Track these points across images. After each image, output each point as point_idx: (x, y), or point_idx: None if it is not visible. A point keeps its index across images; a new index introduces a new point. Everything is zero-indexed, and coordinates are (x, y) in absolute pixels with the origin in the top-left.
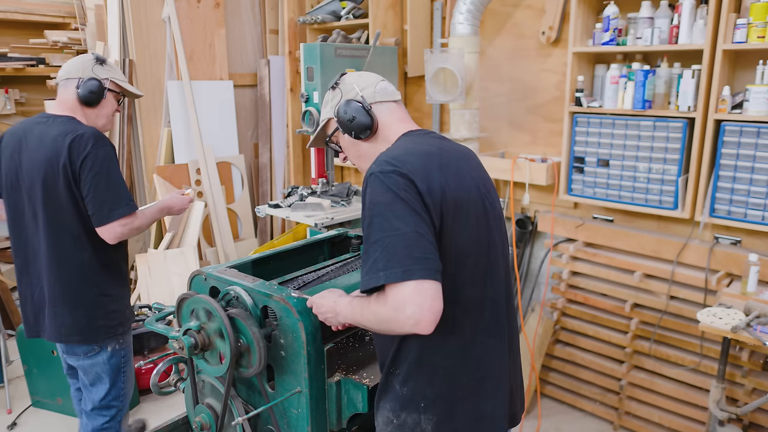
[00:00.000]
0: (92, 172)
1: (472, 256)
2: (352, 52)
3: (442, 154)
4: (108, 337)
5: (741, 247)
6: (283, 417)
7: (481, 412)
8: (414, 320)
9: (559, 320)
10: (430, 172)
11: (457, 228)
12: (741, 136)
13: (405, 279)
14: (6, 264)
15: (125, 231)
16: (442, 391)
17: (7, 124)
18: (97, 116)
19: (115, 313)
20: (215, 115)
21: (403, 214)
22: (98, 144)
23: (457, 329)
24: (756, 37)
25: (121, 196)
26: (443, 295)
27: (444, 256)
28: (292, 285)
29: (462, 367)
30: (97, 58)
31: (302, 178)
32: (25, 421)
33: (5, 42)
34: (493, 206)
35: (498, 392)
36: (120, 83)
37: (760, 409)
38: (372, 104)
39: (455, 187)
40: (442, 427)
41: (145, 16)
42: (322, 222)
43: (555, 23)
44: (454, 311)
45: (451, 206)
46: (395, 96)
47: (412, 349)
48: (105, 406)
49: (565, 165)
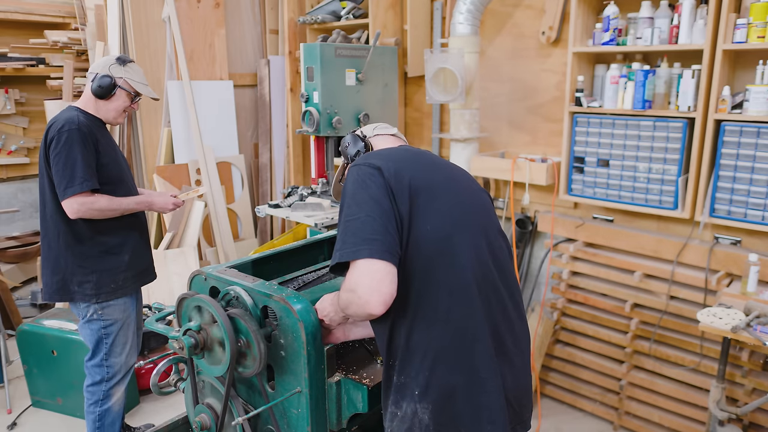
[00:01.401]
0: (54, 152)
1: (449, 238)
2: (352, 52)
3: (417, 154)
4: (83, 302)
5: (741, 247)
6: (283, 417)
7: (478, 402)
8: (364, 300)
9: (559, 320)
10: (399, 162)
11: (429, 210)
12: (741, 136)
13: (354, 257)
14: (6, 264)
15: (83, 209)
16: (434, 379)
17: (7, 124)
18: (107, 109)
19: (88, 284)
20: (215, 115)
21: (362, 201)
22: (65, 127)
23: (440, 313)
24: (756, 37)
25: (75, 176)
26: (418, 275)
27: (416, 237)
28: (292, 285)
29: (451, 352)
30: (119, 58)
31: (302, 178)
32: (25, 421)
33: (5, 42)
34: (472, 196)
35: (494, 384)
36: (132, 83)
37: (760, 409)
38: (369, 137)
39: (423, 177)
40: (439, 416)
41: (145, 16)
42: (322, 222)
43: (555, 23)
44: (436, 293)
45: (423, 190)
46: (391, 131)
47: (401, 333)
48: (90, 369)
49: (565, 165)
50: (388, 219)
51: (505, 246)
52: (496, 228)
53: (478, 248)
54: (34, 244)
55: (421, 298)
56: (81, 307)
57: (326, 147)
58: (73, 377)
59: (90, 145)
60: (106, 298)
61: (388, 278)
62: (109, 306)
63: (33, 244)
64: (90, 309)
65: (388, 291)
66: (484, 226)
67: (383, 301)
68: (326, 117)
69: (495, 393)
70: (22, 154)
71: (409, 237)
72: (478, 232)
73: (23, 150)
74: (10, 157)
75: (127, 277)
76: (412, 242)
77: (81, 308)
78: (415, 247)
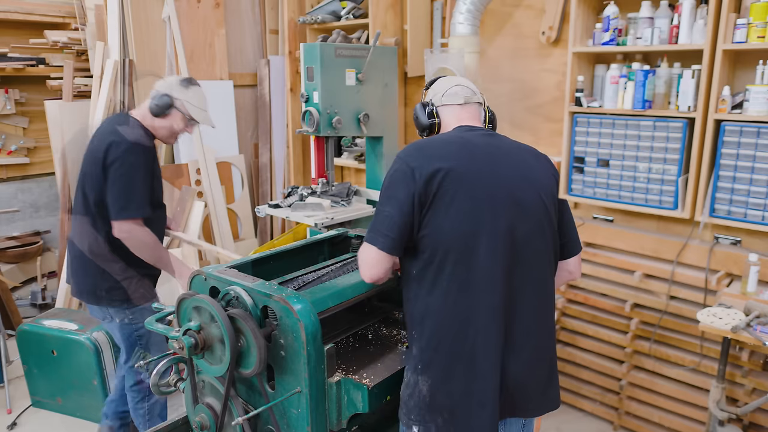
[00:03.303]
0: (117, 171)
1: (465, 237)
2: (352, 52)
3: (467, 145)
4: (111, 307)
5: (741, 247)
6: (283, 417)
7: (472, 387)
8: (362, 271)
9: (559, 320)
10: (438, 160)
11: (452, 208)
12: (741, 136)
13: (369, 243)
14: (6, 264)
15: (129, 236)
16: (436, 359)
17: (7, 124)
18: (160, 127)
19: (117, 291)
20: (215, 115)
21: (391, 197)
22: (132, 150)
23: (449, 303)
24: (756, 37)
25: (132, 200)
26: (435, 266)
27: (435, 230)
28: (292, 285)
29: (454, 340)
30: (185, 79)
31: (302, 178)
32: (25, 421)
33: (5, 42)
34: (516, 193)
35: (491, 373)
36: (189, 107)
37: (760, 409)
38: (438, 107)
39: (460, 174)
40: (435, 392)
41: (145, 16)
42: (322, 222)
43: (555, 23)
44: (448, 285)
45: (452, 189)
46: (459, 99)
47: (418, 310)
48: (129, 370)
49: (565, 165)
50: (404, 221)
51: (542, 246)
52: (534, 226)
53: (495, 249)
54: (34, 244)
55: (435, 287)
56: (110, 312)
57: (326, 147)
58: (73, 377)
59: (150, 170)
60: (136, 303)
61: (381, 266)
62: (138, 310)
63: (33, 244)
64: (119, 315)
65: (377, 274)
66: (512, 225)
67: (371, 278)
68: (326, 117)
69: (490, 380)
70: (22, 154)
71: (429, 230)
72: (502, 231)
73: (23, 150)
74: (10, 157)
75: (153, 283)
76: (431, 235)
77: (110, 312)
78: (434, 240)
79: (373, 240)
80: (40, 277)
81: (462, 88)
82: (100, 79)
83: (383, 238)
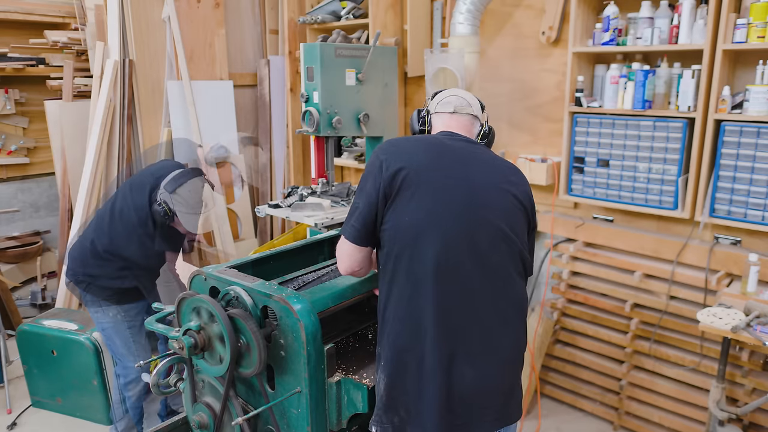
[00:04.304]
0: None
1: (422, 234)
2: (352, 52)
3: (438, 147)
4: (102, 301)
5: (741, 247)
6: (283, 417)
7: (422, 387)
8: (338, 263)
9: (559, 320)
10: (407, 156)
11: (412, 204)
12: (741, 136)
13: (342, 234)
14: (6, 264)
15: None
16: (392, 356)
17: (7, 124)
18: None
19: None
20: (215, 115)
21: (362, 190)
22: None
23: (404, 298)
24: (756, 37)
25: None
26: (393, 259)
27: (395, 225)
28: (292, 285)
29: (407, 338)
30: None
31: (302, 178)
32: (25, 421)
33: (5, 42)
34: (480, 197)
35: (437, 378)
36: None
37: (760, 409)
38: (432, 114)
39: (424, 173)
40: (391, 390)
41: (145, 16)
42: (322, 222)
43: (555, 23)
44: (404, 280)
45: (414, 185)
46: (449, 108)
47: (381, 305)
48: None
49: (565, 165)
50: (370, 212)
51: (507, 253)
52: (496, 232)
53: (453, 249)
54: (34, 244)
55: (393, 282)
56: (103, 306)
57: (326, 147)
58: (73, 377)
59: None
60: (129, 300)
61: (352, 257)
62: (131, 308)
63: (33, 244)
64: (111, 310)
65: (350, 265)
66: (474, 228)
67: (344, 270)
68: (326, 117)
69: (436, 384)
70: (22, 154)
71: (390, 224)
72: (462, 233)
73: (23, 150)
74: (10, 157)
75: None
76: (390, 229)
77: (98, 306)
78: (393, 234)
79: (344, 231)
80: (40, 277)
81: (456, 98)
82: (100, 79)
83: (350, 228)
